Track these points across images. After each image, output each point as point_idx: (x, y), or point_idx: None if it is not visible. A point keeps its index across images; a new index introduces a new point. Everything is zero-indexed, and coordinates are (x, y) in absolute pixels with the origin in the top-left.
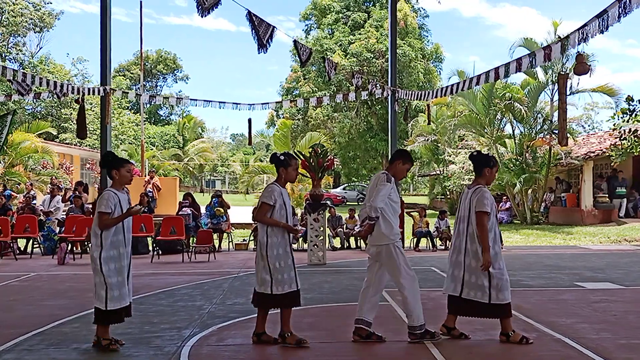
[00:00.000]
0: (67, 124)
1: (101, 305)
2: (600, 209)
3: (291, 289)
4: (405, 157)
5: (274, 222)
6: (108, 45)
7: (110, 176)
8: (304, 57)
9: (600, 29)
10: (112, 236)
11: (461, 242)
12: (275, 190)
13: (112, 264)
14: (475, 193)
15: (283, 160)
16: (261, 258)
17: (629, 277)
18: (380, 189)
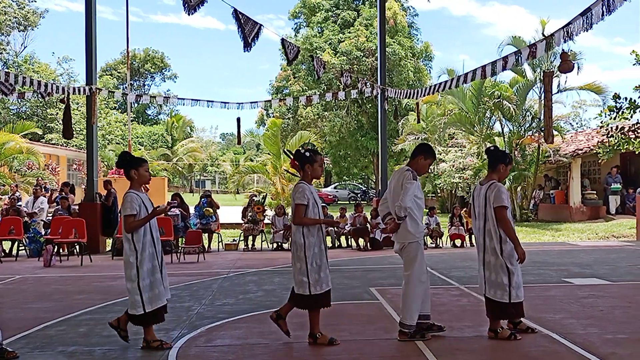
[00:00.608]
0: (52, 124)
1: (138, 311)
2: (589, 205)
3: (328, 287)
4: (427, 152)
5: (313, 221)
6: (94, 44)
7: (129, 176)
8: (291, 55)
9: (584, 27)
10: (143, 238)
11: (480, 239)
12: (305, 189)
13: (146, 265)
14: (491, 189)
15: (309, 157)
16: (298, 259)
17: (615, 273)
18: (407, 187)
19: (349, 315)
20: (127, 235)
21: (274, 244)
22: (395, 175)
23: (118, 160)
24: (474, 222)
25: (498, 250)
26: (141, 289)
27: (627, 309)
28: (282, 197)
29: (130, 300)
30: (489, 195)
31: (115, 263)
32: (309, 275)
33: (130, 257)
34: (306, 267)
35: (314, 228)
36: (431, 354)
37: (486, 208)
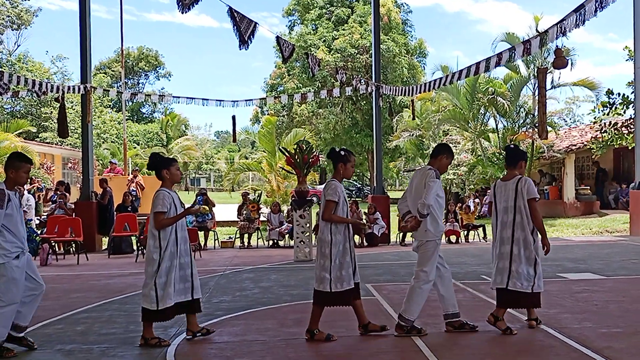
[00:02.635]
0: (47, 122)
1: (152, 306)
2: (583, 201)
3: (350, 286)
4: (449, 151)
5: (341, 219)
6: (88, 42)
7: (161, 177)
8: (286, 53)
9: (577, 23)
10: (169, 236)
11: (507, 232)
12: (338, 187)
13: (165, 264)
14: (522, 183)
15: (343, 156)
16: (322, 256)
17: (609, 268)
18: (431, 185)
19: (344, 312)
20: (154, 232)
21: (270, 241)
22: (418, 174)
23: (149, 163)
24: (499, 216)
25: (530, 241)
26: (157, 286)
27: (621, 303)
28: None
29: (145, 294)
30: (521, 188)
31: (111, 261)
32: (331, 272)
33: (154, 254)
34: (330, 264)
35: (342, 226)
36: (427, 349)
37: (516, 201)
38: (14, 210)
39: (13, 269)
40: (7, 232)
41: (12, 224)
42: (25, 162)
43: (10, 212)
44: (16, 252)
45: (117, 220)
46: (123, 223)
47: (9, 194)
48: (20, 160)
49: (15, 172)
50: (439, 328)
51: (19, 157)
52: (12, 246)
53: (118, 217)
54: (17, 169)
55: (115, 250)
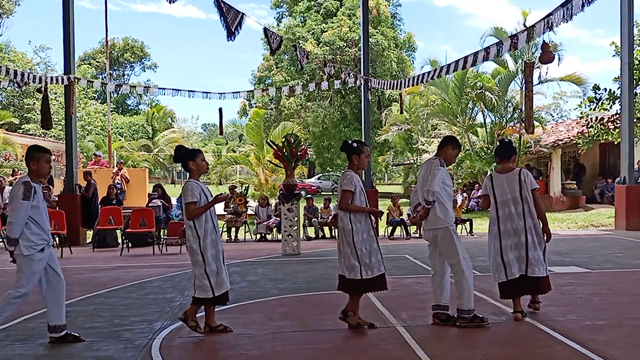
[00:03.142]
0: (30, 114)
1: (207, 295)
2: (569, 195)
3: (380, 272)
4: (455, 142)
5: (358, 208)
6: (71, 32)
7: (188, 168)
8: (274, 45)
9: (564, 18)
10: (205, 224)
11: (518, 223)
12: (354, 177)
13: (210, 251)
14: (524, 174)
15: (356, 148)
16: (347, 245)
17: (594, 261)
18: (435, 173)
19: (332, 305)
20: (189, 222)
21: (258, 235)
22: (424, 165)
23: (174, 155)
24: (500, 209)
25: (539, 228)
26: (209, 274)
27: (605, 296)
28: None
29: (198, 285)
30: (524, 179)
31: (96, 255)
32: (359, 259)
33: (194, 244)
34: (356, 252)
35: (361, 215)
36: (414, 342)
37: (521, 192)
38: (39, 202)
39: (35, 262)
40: (33, 224)
41: (38, 216)
42: (44, 152)
43: (36, 203)
44: (42, 245)
45: (102, 214)
46: (108, 216)
47: (35, 186)
48: (39, 151)
49: (37, 164)
50: (426, 321)
51: (38, 149)
52: (38, 238)
53: (103, 210)
54: (38, 160)
55: (100, 243)
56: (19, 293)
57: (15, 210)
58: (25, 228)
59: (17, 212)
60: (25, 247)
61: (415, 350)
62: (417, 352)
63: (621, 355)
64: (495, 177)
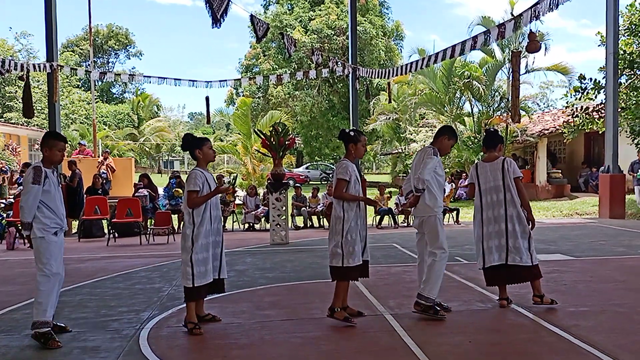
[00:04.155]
0: (12, 102)
1: (187, 283)
2: (554, 184)
3: (360, 261)
4: (451, 132)
5: (352, 197)
6: (54, 19)
7: (194, 156)
8: (260, 32)
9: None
10: (203, 213)
11: (499, 210)
12: (349, 166)
13: (201, 240)
14: (508, 163)
15: (353, 137)
16: (335, 233)
17: (578, 249)
18: (427, 161)
19: (320, 294)
20: (188, 209)
21: (246, 224)
22: (418, 153)
23: (182, 143)
24: (484, 196)
25: (523, 216)
26: (193, 262)
27: (589, 283)
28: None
29: (182, 271)
30: (508, 168)
31: (81, 245)
32: (342, 247)
33: (187, 229)
34: (341, 239)
35: (354, 204)
36: (402, 329)
37: (504, 180)
38: (51, 187)
39: (52, 243)
40: (45, 208)
41: (50, 201)
42: (59, 140)
43: (48, 188)
44: (55, 229)
45: (87, 203)
46: (93, 206)
47: (46, 171)
48: (54, 139)
49: (50, 151)
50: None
51: (53, 136)
52: (50, 222)
53: (88, 200)
54: (51, 147)
55: (86, 233)
56: (44, 273)
57: (26, 194)
58: (38, 212)
59: (27, 195)
60: (38, 230)
61: (402, 338)
62: (405, 339)
63: (603, 340)
64: (481, 165)
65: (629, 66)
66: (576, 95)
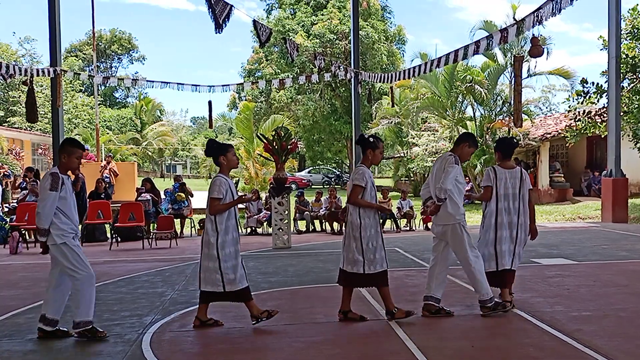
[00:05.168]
0: (15, 107)
1: (218, 289)
2: (556, 188)
3: (382, 268)
4: (472, 140)
5: (367, 204)
6: (57, 23)
7: (218, 163)
8: (263, 37)
9: (553, 12)
10: (226, 221)
11: (512, 217)
12: (366, 172)
13: (228, 248)
14: (524, 174)
15: (372, 143)
16: (353, 239)
17: (581, 253)
18: (449, 170)
19: (323, 298)
20: (211, 217)
21: (248, 228)
22: (438, 160)
23: (206, 149)
24: (502, 202)
25: (527, 225)
26: (222, 270)
27: (592, 287)
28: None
29: (210, 279)
30: (525, 178)
31: (84, 249)
32: (364, 254)
33: (212, 237)
34: (361, 247)
35: (370, 210)
36: (404, 334)
37: (521, 190)
38: (67, 193)
39: (75, 247)
40: (62, 214)
41: (66, 207)
42: (78, 147)
43: (64, 195)
44: (72, 234)
45: (90, 208)
46: (96, 210)
47: (63, 177)
48: (72, 146)
49: (68, 157)
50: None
51: (72, 143)
52: (67, 227)
53: (91, 204)
54: (69, 154)
55: (88, 238)
56: (79, 276)
57: (42, 200)
58: (55, 218)
59: (44, 202)
60: (58, 236)
61: (405, 342)
62: (407, 343)
63: (606, 344)
64: (499, 171)
65: (632, 70)
66: (578, 99)
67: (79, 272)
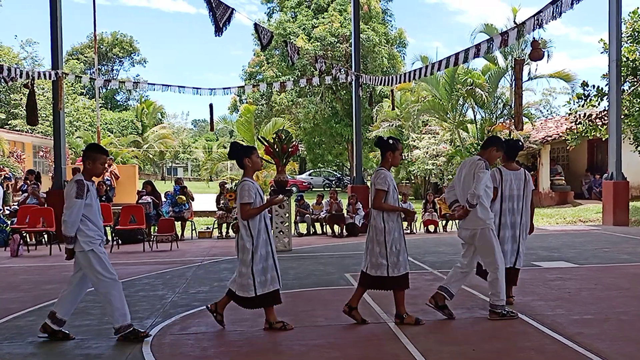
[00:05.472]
0: (17, 110)
1: (249, 294)
2: (557, 191)
3: (406, 271)
4: (500, 144)
5: (392, 207)
6: (59, 26)
7: (242, 165)
8: (264, 40)
9: (554, 15)
10: (259, 224)
11: (516, 218)
12: (387, 176)
13: (260, 251)
14: (527, 175)
15: (392, 145)
16: (377, 244)
17: (582, 256)
18: (481, 176)
19: (324, 301)
20: (244, 222)
21: None
22: (467, 164)
23: (229, 151)
24: (506, 203)
25: (529, 225)
26: (254, 273)
27: (593, 291)
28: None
29: (242, 284)
30: (529, 180)
31: None
32: (388, 258)
33: (247, 242)
34: (386, 251)
35: (394, 214)
36: (405, 338)
37: (524, 191)
38: (92, 200)
39: (101, 254)
40: (88, 221)
41: (92, 214)
42: (102, 153)
43: (90, 202)
44: (99, 240)
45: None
46: None
47: (88, 184)
48: (97, 152)
49: (92, 164)
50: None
51: (96, 149)
52: (94, 234)
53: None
54: (94, 160)
55: None
56: (107, 282)
57: (69, 208)
58: (81, 225)
59: (71, 210)
60: (85, 243)
61: (406, 346)
62: (408, 347)
63: (607, 348)
64: (505, 172)
65: (632, 73)
66: (579, 102)
67: (105, 278)
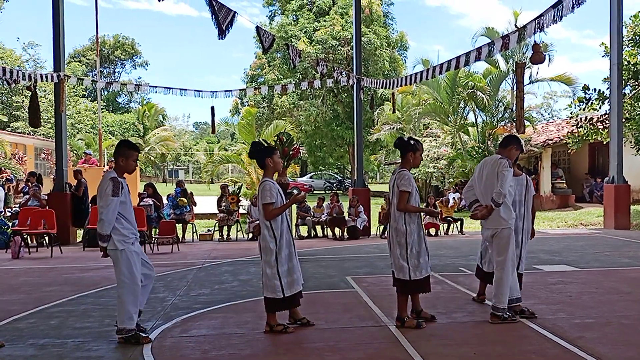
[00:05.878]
0: (19, 112)
1: (278, 295)
2: (558, 194)
3: (427, 273)
4: (519, 143)
5: (416, 209)
6: (61, 29)
7: (263, 165)
8: (266, 43)
9: (554, 19)
10: (281, 225)
11: (517, 223)
12: (410, 177)
13: (284, 252)
14: (529, 180)
15: (413, 145)
16: (399, 246)
17: (583, 260)
18: (505, 175)
19: (325, 304)
20: (266, 222)
21: (250, 233)
22: (488, 163)
23: (251, 150)
24: None
25: (530, 230)
26: (280, 275)
27: (594, 295)
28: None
29: (269, 285)
30: (530, 185)
31: (86, 254)
32: (408, 260)
33: (270, 243)
34: (406, 253)
35: (415, 216)
36: (406, 341)
37: (526, 196)
38: (126, 197)
39: (132, 253)
40: (123, 219)
41: (126, 212)
42: (134, 150)
43: (124, 199)
44: (132, 239)
45: (92, 212)
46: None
47: (122, 181)
48: (129, 148)
49: (126, 161)
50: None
51: (129, 146)
52: (129, 232)
53: (93, 209)
54: (127, 157)
55: (91, 242)
56: (126, 284)
57: (105, 207)
58: (116, 223)
59: (107, 208)
60: (119, 242)
61: (406, 349)
62: (409, 350)
63: (609, 352)
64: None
65: (633, 77)
66: (580, 106)
67: (126, 280)
